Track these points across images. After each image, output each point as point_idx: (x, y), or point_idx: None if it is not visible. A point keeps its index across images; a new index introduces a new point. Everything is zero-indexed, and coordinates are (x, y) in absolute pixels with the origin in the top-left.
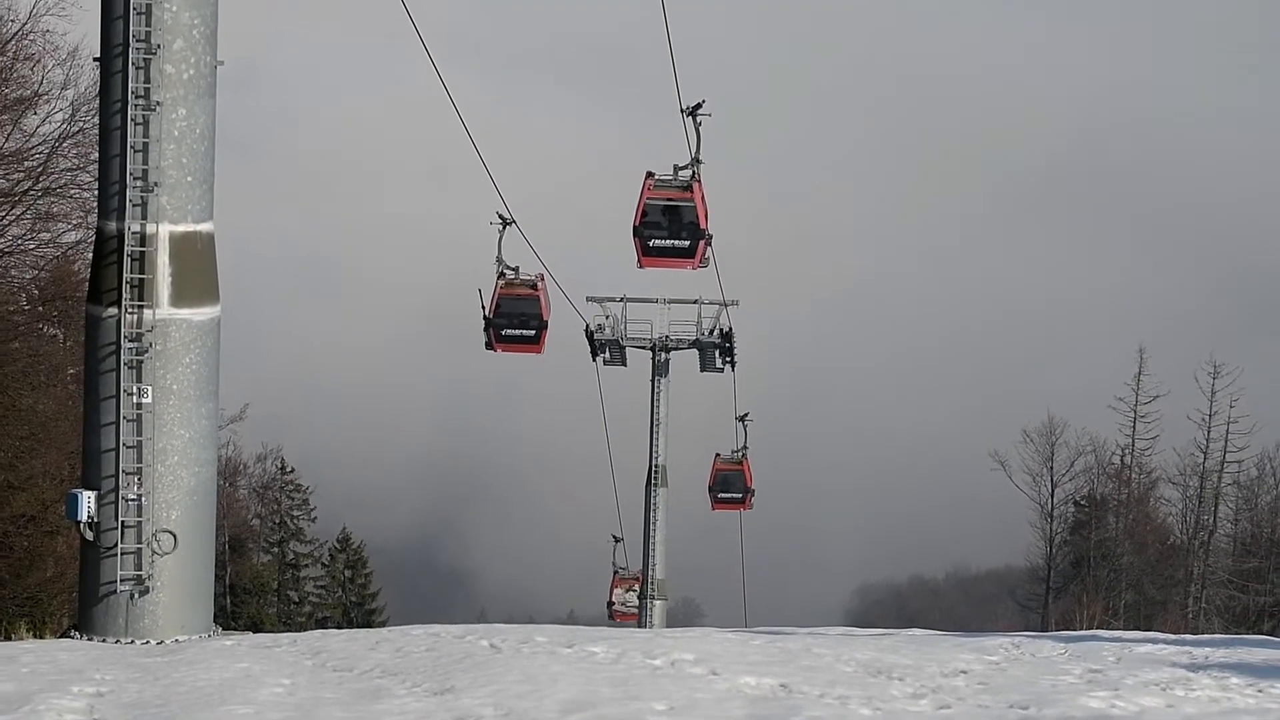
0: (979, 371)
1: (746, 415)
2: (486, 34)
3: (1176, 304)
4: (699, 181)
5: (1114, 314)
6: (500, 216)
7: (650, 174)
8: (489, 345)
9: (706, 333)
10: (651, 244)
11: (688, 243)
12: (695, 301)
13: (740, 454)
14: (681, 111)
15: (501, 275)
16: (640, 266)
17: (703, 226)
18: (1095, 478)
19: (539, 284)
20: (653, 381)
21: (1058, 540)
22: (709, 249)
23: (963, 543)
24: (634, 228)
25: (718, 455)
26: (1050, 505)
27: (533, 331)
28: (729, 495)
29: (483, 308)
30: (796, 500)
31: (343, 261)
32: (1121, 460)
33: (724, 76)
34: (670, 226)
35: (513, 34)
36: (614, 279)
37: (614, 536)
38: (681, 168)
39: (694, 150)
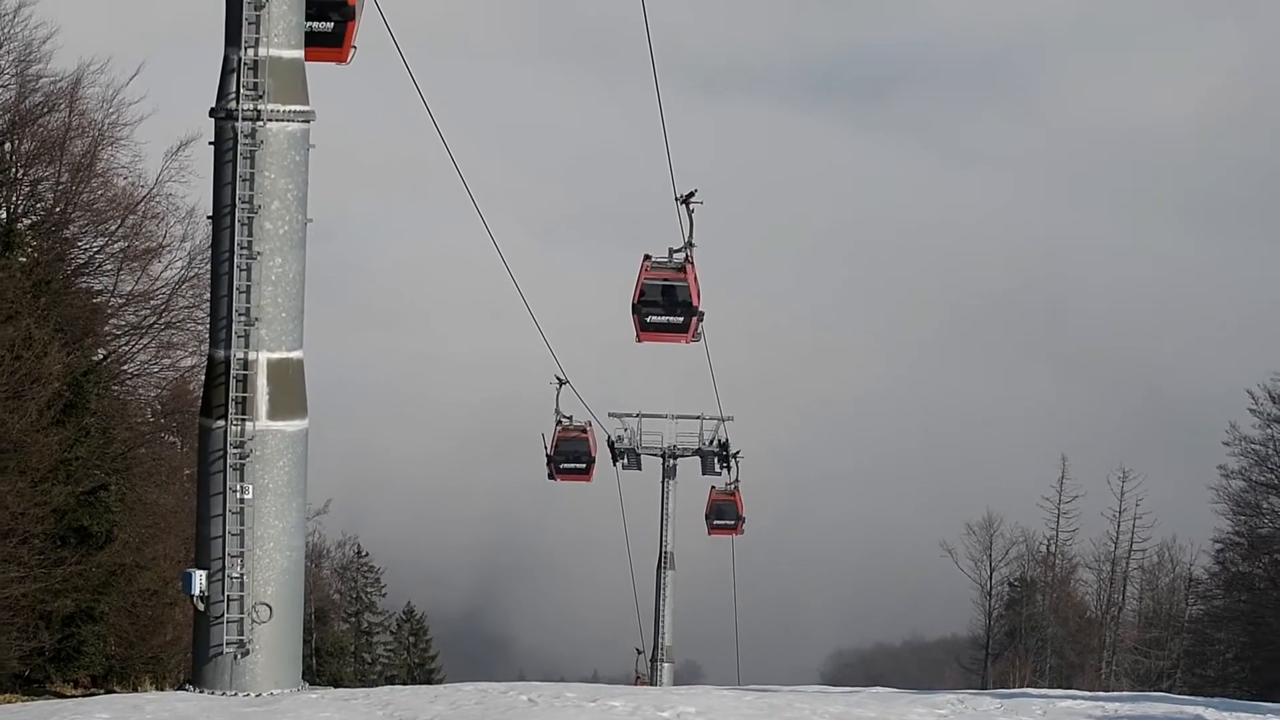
0: (933, 474)
1: (738, 453)
2: (530, 198)
3: (1093, 422)
4: (692, 263)
5: (1043, 429)
6: (558, 379)
7: (647, 256)
8: (550, 476)
9: (707, 443)
10: (649, 320)
11: (681, 319)
12: (698, 417)
13: (733, 486)
14: (676, 200)
15: (559, 422)
16: (639, 341)
17: (695, 304)
18: (1026, 563)
19: (588, 429)
20: (663, 483)
21: (995, 614)
22: (700, 324)
23: (917, 616)
24: (633, 305)
25: (713, 488)
26: (989, 585)
27: (584, 466)
28: (723, 522)
29: (545, 448)
30: (782, 579)
31: (409, 384)
32: (1047, 549)
33: (731, 229)
34: (666, 304)
35: (555, 198)
36: (631, 394)
37: (637, 650)
38: (676, 251)
39: (687, 235)
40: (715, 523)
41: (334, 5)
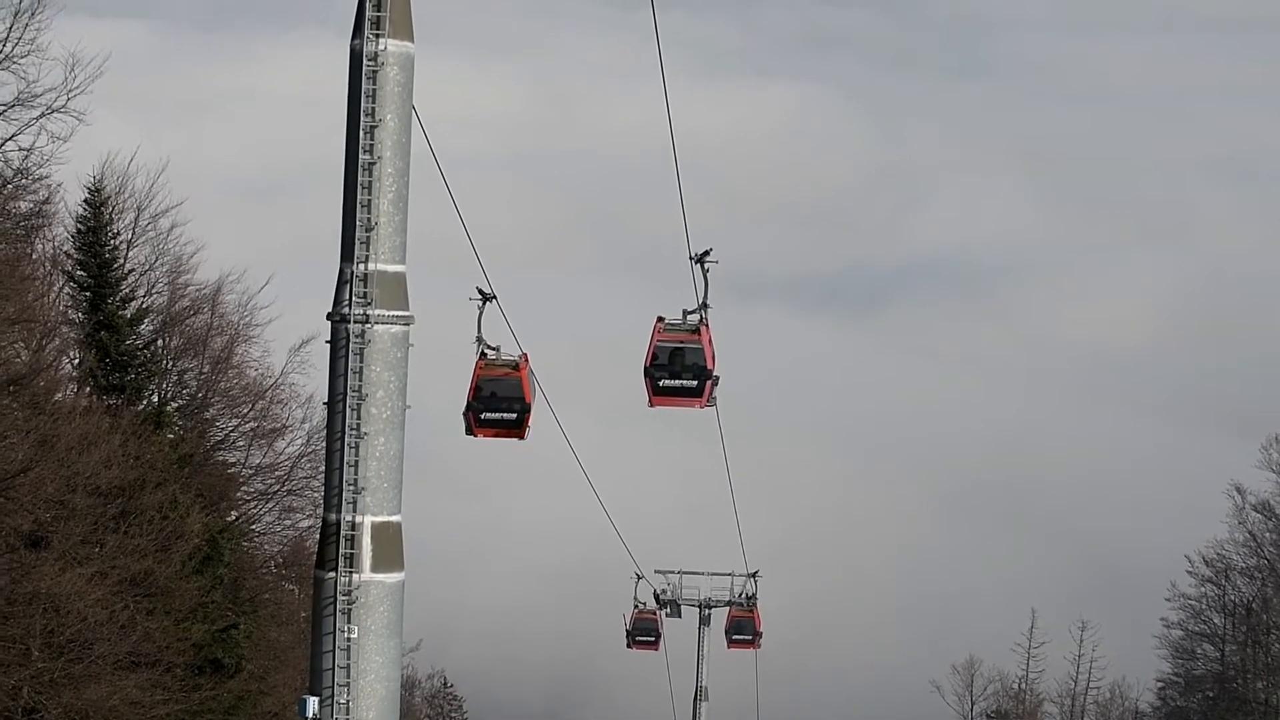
0: (924, 623)
1: (757, 572)
2: (597, 393)
3: (1058, 581)
4: (706, 325)
5: (1016, 587)
6: (636, 574)
7: (660, 318)
8: (629, 645)
9: (737, 595)
10: (661, 384)
11: (695, 383)
12: (729, 574)
13: (751, 604)
14: (690, 259)
15: (636, 607)
16: (651, 405)
17: (709, 367)
18: (1001, 698)
19: (656, 612)
20: (699, 628)
21: None
22: (715, 388)
23: None
24: (645, 369)
25: (732, 605)
26: (970, 717)
27: (653, 639)
28: (741, 637)
29: (625, 625)
30: (797, 709)
31: (490, 545)
32: (1019, 686)
33: (749, 419)
34: (679, 368)
35: (617, 392)
36: (675, 554)
37: None
38: (690, 312)
39: (702, 296)
40: (734, 637)
41: (517, 400)
